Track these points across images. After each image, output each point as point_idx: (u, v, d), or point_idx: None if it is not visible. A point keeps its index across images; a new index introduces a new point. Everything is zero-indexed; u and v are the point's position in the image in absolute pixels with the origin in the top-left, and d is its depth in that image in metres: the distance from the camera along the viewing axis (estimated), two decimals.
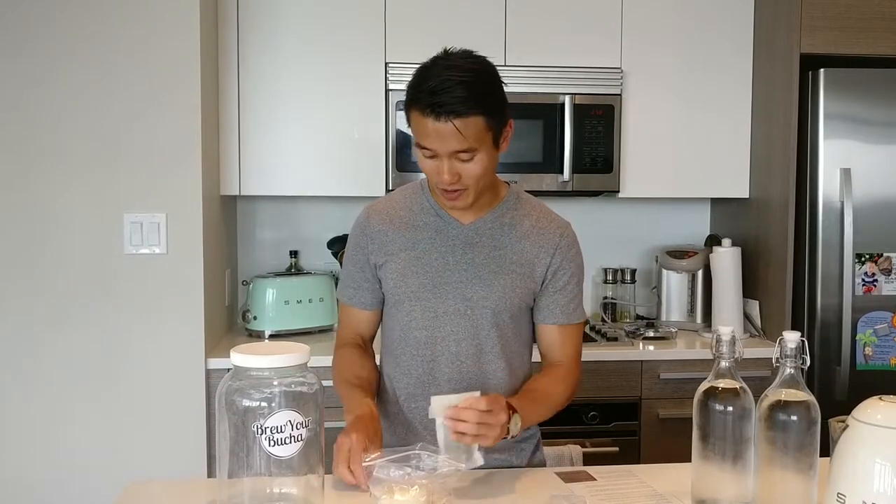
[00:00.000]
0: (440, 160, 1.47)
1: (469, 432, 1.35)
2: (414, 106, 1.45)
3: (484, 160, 1.48)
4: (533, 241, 1.61)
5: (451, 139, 1.43)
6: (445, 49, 1.50)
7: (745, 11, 2.93)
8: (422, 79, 1.45)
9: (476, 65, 1.47)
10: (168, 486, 1.53)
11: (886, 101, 2.64)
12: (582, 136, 2.81)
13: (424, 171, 1.53)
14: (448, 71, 1.43)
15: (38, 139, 2.37)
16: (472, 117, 1.43)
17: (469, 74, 1.44)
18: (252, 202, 3.10)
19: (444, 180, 1.48)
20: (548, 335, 1.65)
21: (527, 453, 1.68)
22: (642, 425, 2.66)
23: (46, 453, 2.42)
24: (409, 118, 1.49)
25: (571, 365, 1.64)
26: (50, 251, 2.39)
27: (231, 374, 1.24)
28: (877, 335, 2.65)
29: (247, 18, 2.72)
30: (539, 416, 1.57)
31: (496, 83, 1.50)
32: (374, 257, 1.63)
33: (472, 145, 1.45)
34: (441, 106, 1.41)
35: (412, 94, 1.46)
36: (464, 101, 1.41)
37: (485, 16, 2.80)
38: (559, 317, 1.63)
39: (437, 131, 1.43)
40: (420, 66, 1.48)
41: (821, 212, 2.64)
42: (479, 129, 1.44)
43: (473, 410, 1.35)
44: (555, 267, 1.61)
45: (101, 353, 2.42)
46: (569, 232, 1.65)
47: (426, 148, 1.47)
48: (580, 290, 1.66)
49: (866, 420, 1.15)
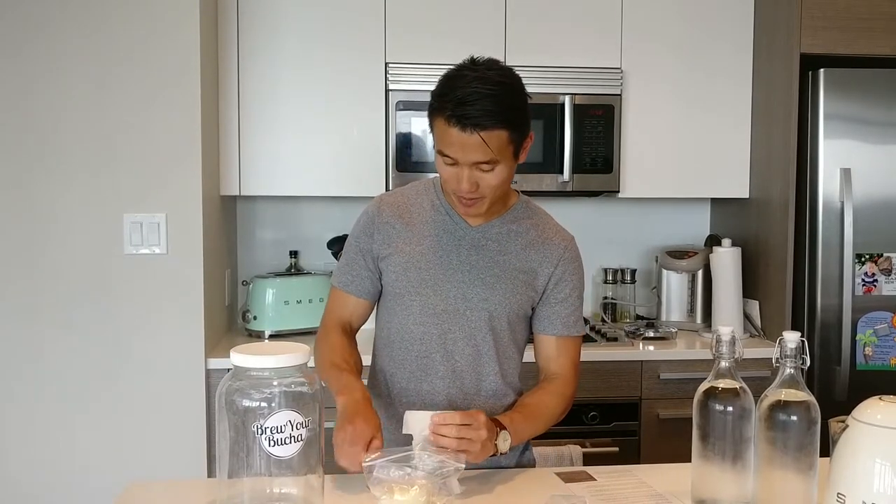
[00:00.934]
0: (460, 168, 1.48)
1: (450, 446, 1.36)
2: (439, 114, 1.46)
3: (503, 171, 1.50)
4: (537, 250, 1.63)
5: (475, 151, 1.44)
6: (472, 57, 1.50)
7: (746, 11, 2.93)
8: (449, 88, 1.45)
9: (503, 77, 1.48)
10: (168, 486, 1.53)
11: (886, 101, 2.64)
12: (582, 136, 2.81)
13: (443, 176, 1.54)
14: (476, 82, 1.43)
15: (38, 139, 2.37)
16: (497, 131, 1.44)
17: (497, 88, 1.44)
18: (252, 202, 3.10)
19: (463, 188, 1.49)
20: (546, 346, 1.66)
21: (516, 453, 1.68)
22: (642, 425, 2.66)
23: (47, 453, 2.42)
24: (432, 124, 1.50)
25: (568, 378, 1.65)
26: (50, 251, 2.39)
27: (231, 374, 1.24)
28: (877, 335, 2.65)
29: (247, 19, 2.72)
30: (532, 431, 1.58)
31: (522, 96, 1.51)
32: (379, 247, 1.64)
33: (494, 157, 1.46)
34: (467, 118, 1.42)
35: (438, 103, 1.46)
36: (490, 114, 1.42)
37: (485, 16, 2.80)
38: (559, 328, 1.64)
39: (461, 142, 1.44)
40: (446, 74, 1.49)
41: (821, 212, 2.64)
42: (502, 143, 1.46)
43: (450, 425, 1.37)
44: (556, 278, 1.62)
45: (101, 354, 2.42)
46: (573, 246, 1.67)
47: (447, 156, 1.48)
48: (580, 304, 1.67)
49: (866, 420, 1.15)
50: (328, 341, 1.66)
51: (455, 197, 1.55)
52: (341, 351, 1.63)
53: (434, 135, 1.50)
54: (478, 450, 1.39)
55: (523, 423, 1.54)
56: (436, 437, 1.37)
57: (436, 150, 1.51)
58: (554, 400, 1.61)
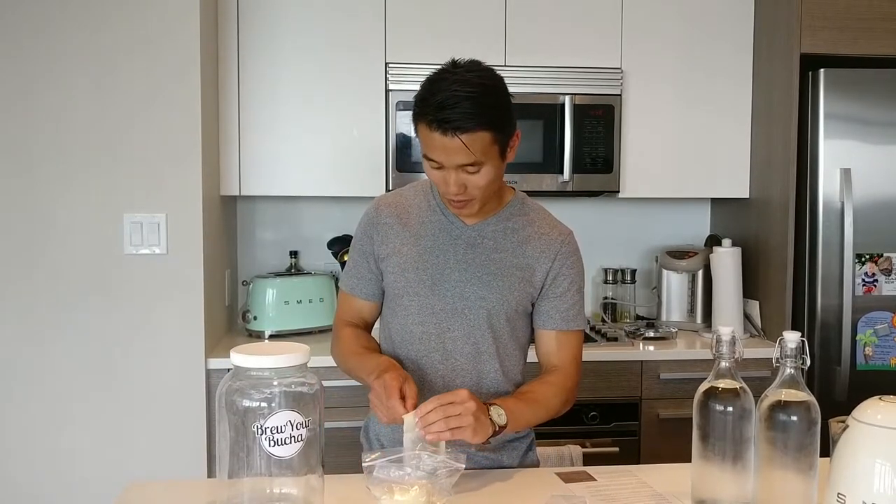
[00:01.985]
0: (447, 172, 1.49)
1: (441, 429, 1.34)
2: (421, 119, 1.46)
3: (490, 172, 1.50)
4: (534, 245, 1.62)
5: (457, 154, 1.45)
6: (453, 60, 1.50)
7: (746, 11, 2.93)
8: (429, 92, 1.46)
9: (483, 79, 1.47)
10: (168, 486, 1.53)
11: (886, 101, 2.64)
12: (582, 136, 2.81)
13: (431, 179, 1.55)
14: (455, 85, 1.43)
15: (38, 139, 2.37)
16: (479, 132, 1.44)
17: (476, 89, 1.44)
18: (252, 202, 3.10)
19: (451, 191, 1.50)
20: (546, 341, 1.65)
21: (519, 453, 1.68)
22: (642, 425, 2.66)
23: (47, 453, 2.42)
24: (416, 129, 1.50)
25: (569, 371, 1.63)
26: (50, 251, 2.39)
27: (231, 374, 1.24)
28: (877, 335, 2.65)
29: (247, 19, 2.72)
30: (530, 415, 1.55)
31: (503, 96, 1.50)
32: (379, 249, 1.65)
33: (478, 159, 1.46)
34: (448, 122, 1.42)
35: (420, 108, 1.47)
36: (470, 116, 1.42)
37: (485, 16, 2.80)
38: (558, 322, 1.63)
39: (443, 145, 1.44)
40: (428, 79, 1.49)
41: (821, 212, 2.64)
42: (485, 144, 1.46)
43: (434, 409, 1.35)
44: (555, 273, 1.62)
45: (101, 354, 2.42)
46: (571, 240, 1.66)
47: (433, 160, 1.48)
48: (580, 298, 1.66)
49: (866, 420, 1.15)
50: (340, 340, 1.69)
51: (445, 200, 1.56)
52: (356, 340, 1.66)
53: (419, 139, 1.51)
54: (471, 423, 1.36)
55: (517, 404, 1.51)
56: (426, 428, 1.35)
57: (422, 155, 1.51)
58: (551, 389, 1.59)
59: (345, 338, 1.68)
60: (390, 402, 1.39)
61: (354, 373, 1.62)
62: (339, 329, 1.71)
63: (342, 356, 1.67)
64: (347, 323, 1.72)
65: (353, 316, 1.72)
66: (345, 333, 1.69)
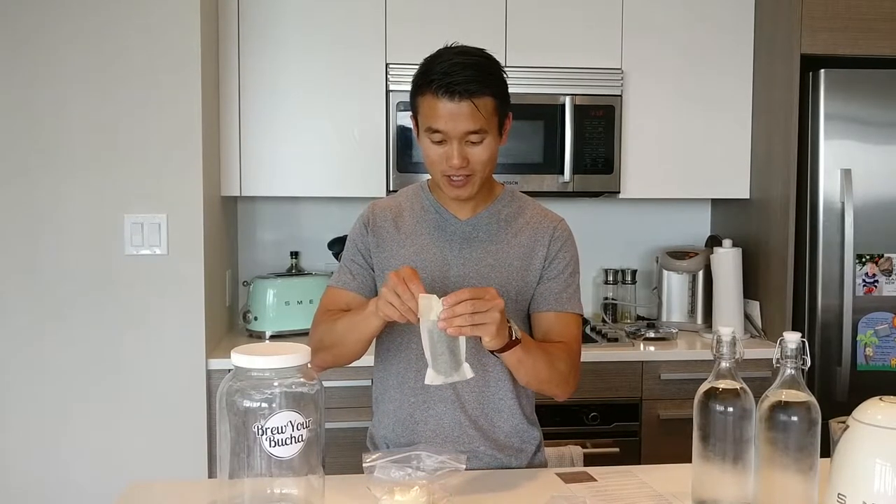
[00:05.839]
0: (450, 144, 1.50)
1: (465, 323, 1.31)
2: (426, 90, 1.49)
3: (491, 145, 1.52)
4: (529, 235, 1.63)
5: (465, 119, 1.47)
6: (445, 45, 1.55)
7: (746, 12, 2.93)
8: (431, 66, 1.50)
9: (481, 53, 1.54)
10: (169, 486, 1.53)
11: (886, 101, 2.64)
12: (582, 136, 2.81)
13: (431, 159, 1.54)
14: (457, 57, 1.49)
15: (38, 139, 2.37)
16: (485, 97, 1.48)
17: (478, 59, 1.50)
18: (252, 203, 3.11)
19: (454, 164, 1.50)
20: (542, 323, 1.62)
21: (527, 454, 1.67)
22: (643, 426, 2.66)
23: (47, 453, 2.42)
24: (416, 106, 1.53)
25: (572, 347, 1.60)
26: (50, 252, 2.39)
27: (232, 374, 1.24)
28: (877, 336, 2.65)
29: (247, 19, 2.73)
30: (538, 356, 1.50)
31: (501, 70, 1.55)
32: (374, 251, 1.65)
33: (483, 126, 1.49)
34: (456, 85, 1.46)
35: (423, 79, 1.50)
36: (477, 80, 1.47)
37: (485, 16, 2.81)
38: (552, 303, 1.61)
39: (450, 112, 1.47)
40: (425, 59, 1.53)
41: (821, 212, 2.64)
42: (490, 111, 1.50)
43: (465, 301, 1.32)
44: (550, 256, 1.62)
45: (101, 354, 2.42)
46: (563, 226, 1.67)
47: (437, 131, 1.49)
48: (575, 282, 1.64)
49: (867, 420, 1.15)
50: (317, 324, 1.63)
51: (444, 179, 1.55)
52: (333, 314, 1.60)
53: (420, 117, 1.53)
54: (497, 320, 1.33)
55: (528, 338, 1.49)
56: (450, 318, 1.31)
57: (424, 131, 1.52)
58: (559, 352, 1.55)
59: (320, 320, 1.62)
60: (412, 285, 1.34)
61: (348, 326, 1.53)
62: (316, 319, 1.65)
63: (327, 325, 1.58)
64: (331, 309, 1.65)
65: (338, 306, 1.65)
66: (319, 318, 1.63)
